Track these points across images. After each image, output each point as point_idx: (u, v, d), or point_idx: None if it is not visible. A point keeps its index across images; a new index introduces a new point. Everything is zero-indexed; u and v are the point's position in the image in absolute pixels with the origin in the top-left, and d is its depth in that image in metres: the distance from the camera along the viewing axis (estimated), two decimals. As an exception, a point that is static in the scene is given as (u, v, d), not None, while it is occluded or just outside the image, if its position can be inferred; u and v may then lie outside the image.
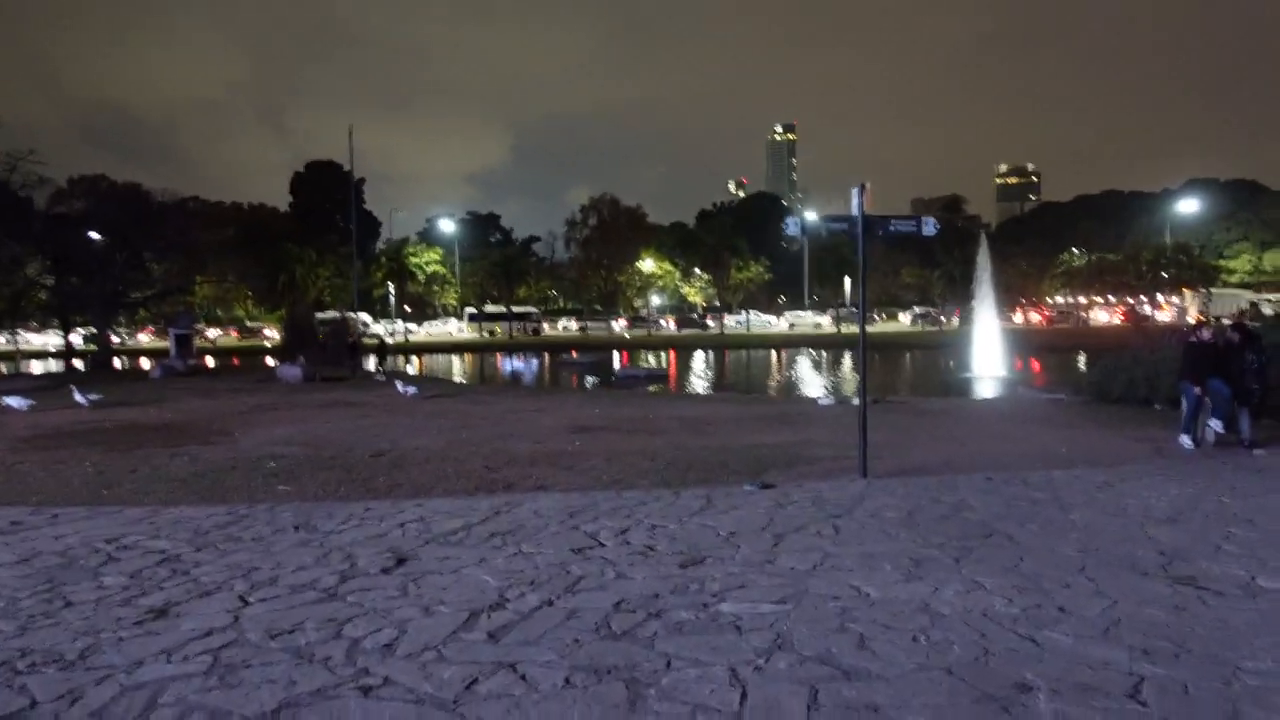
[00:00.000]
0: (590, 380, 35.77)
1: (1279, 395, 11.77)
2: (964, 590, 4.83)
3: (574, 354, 50.97)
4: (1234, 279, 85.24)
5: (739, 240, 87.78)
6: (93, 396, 18.32)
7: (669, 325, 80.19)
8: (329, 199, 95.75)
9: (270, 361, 40.45)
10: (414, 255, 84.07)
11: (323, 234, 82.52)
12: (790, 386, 33.47)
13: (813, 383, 34.11)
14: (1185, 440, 10.64)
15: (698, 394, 27.85)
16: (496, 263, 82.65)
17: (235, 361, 50.69)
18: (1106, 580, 5.00)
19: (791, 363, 45.84)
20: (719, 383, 36.10)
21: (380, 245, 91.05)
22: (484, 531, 6.42)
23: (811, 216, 8.22)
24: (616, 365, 43.39)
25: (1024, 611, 4.47)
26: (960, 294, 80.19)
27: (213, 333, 76.22)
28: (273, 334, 68.38)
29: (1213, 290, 79.26)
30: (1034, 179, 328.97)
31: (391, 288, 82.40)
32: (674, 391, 30.36)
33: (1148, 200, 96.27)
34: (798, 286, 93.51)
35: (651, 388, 31.53)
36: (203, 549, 6.03)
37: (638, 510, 7.12)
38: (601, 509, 7.18)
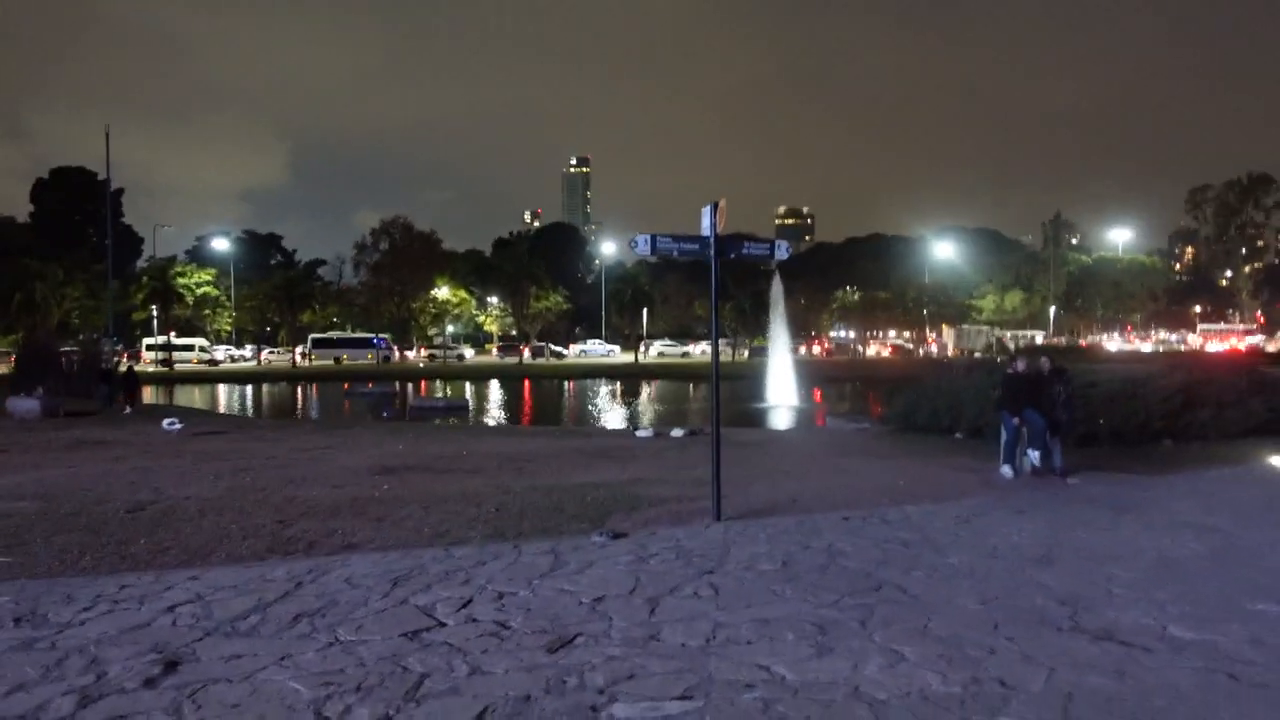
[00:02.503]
0: (384, 413, 33.49)
1: (1083, 427, 12.42)
2: (887, 664, 4.15)
3: (369, 385, 47.95)
4: (983, 317, 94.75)
5: (537, 269, 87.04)
6: None
7: (521, 354, 76.85)
8: (79, 210, 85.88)
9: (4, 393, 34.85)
10: (183, 275, 76.51)
11: (71, 249, 73.42)
12: (592, 417, 32.88)
13: (618, 414, 33.73)
14: (1006, 470, 10.84)
15: (506, 427, 26.57)
16: (278, 285, 76.70)
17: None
18: (1027, 640, 4.50)
19: (590, 393, 45.42)
20: (521, 414, 34.92)
21: (142, 264, 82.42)
22: (284, 613, 5.06)
23: (627, 243, 7.48)
24: (414, 396, 41.09)
25: (966, 690, 3.83)
26: (750, 326, 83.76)
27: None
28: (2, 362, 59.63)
29: (965, 326, 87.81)
30: (809, 220, 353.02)
31: (155, 311, 74.51)
32: (479, 425, 28.91)
33: (907, 243, 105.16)
34: (595, 318, 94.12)
35: (452, 420, 29.89)
36: None
37: (476, 573, 5.98)
38: (431, 573, 5.98)
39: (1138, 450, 14.20)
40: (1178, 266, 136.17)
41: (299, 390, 49.77)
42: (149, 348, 71.41)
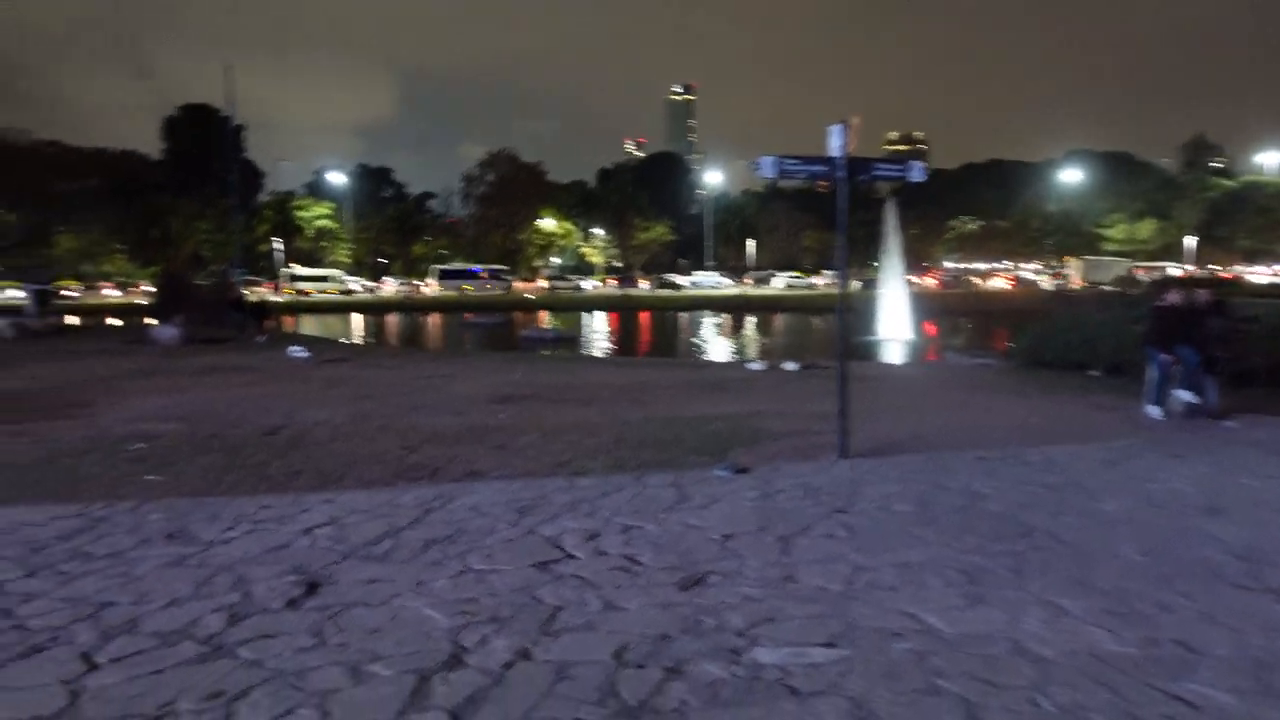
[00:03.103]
0: (495, 342, 34.15)
1: (1239, 365, 11.45)
2: (1048, 618, 3.85)
3: (469, 316, 48.96)
4: (1112, 247, 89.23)
5: (641, 199, 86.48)
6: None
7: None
8: (206, 147, 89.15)
9: (146, 321, 37.15)
10: (302, 209, 79.37)
11: (200, 185, 76.89)
12: (700, 349, 32.68)
13: (731, 346, 33.45)
14: (1154, 410, 10.10)
15: (619, 358, 26.62)
16: (392, 218, 78.97)
17: (105, 320, 46.60)
18: (1204, 598, 4.11)
19: (694, 325, 45.13)
20: (627, 345, 35.02)
21: (264, 198, 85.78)
22: (416, 539, 5.10)
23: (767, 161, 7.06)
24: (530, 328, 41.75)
25: (1142, 651, 3.51)
26: (861, 257, 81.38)
27: (75, 290, 70.27)
28: (147, 291, 63.53)
29: (1091, 257, 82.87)
30: (922, 146, 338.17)
31: (278, 243, 77.75)
32: (588, 355, 29.16)
33: (1031, 169, 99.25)
34: (699, 249, 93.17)
35: (564, 351, 30.22)
36: (37, 573, 4.53)
37: (600, 504, 5.92)
38: (556, 503, 5.95)
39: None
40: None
41: (423, 319, 51.29)
42: (293, 278, 74.33)
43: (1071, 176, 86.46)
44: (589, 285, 75.97)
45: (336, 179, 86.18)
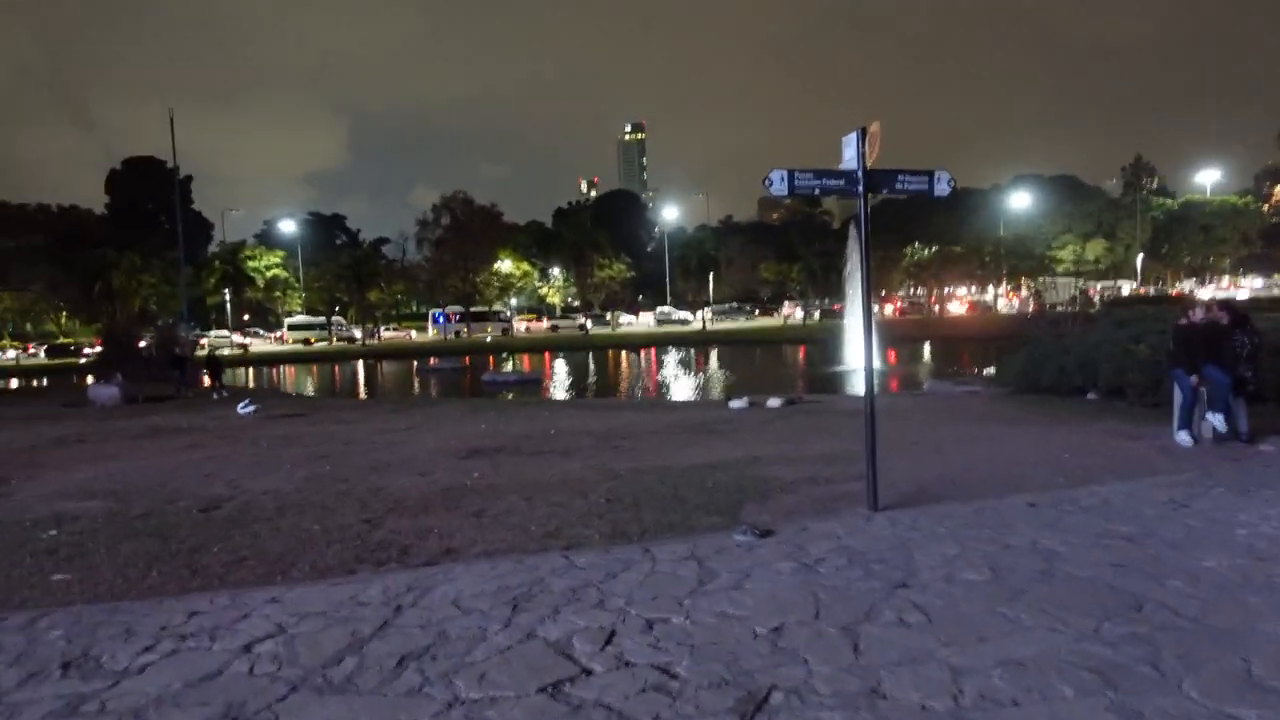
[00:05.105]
0: (452, 387, 32.92)
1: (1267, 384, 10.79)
2: (1238, 740, 2.90)
3: (434, 361, 47.63)
4: (1062, 268, 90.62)
5: (600, 237, 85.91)
6: None
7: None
8: (151, 199, 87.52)
9: (86, 381, 35.25)
10: (253, 259, 77.39)
11: (146, 237, 74.74)
12: (668, 387, 31.78)
13: (697, 383, 32.59)
14: (1184, 437, 9.34)
15: (590, 401, 25.52)
16: (346, 265, 77.09)
17: (40, 382, 44.43)
18: None
19: (658, 364, 44.27)
20: (597, 387, 34.00)
21: (213, 249, 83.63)
22: (385, 653, 4.02)
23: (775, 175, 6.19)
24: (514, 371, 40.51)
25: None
26: (819, 288, 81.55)
27: (11, 353, 67.56)
28: (88, 350, 61.18)
29: (1046, 279, 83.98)
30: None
31: (228, 295, 75.63)
32: (554, 398, 28.08)
33: (981, 195, 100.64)
34: (658, 285, 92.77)
35: (529, 395, 29.11)
36: (-124, 737, 3.37)
37: (609, 588, 4.88)
38: (555, 590, 4.90)
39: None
40: (1265, 207, 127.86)
41: (410, 366, 49.76)
42: (290, 327, 73.52)
43: (1020, 201, 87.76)
44: (590, 324, 75.86)
45: (288, 227, 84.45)
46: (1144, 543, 5.35)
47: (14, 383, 39.43)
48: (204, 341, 60.70)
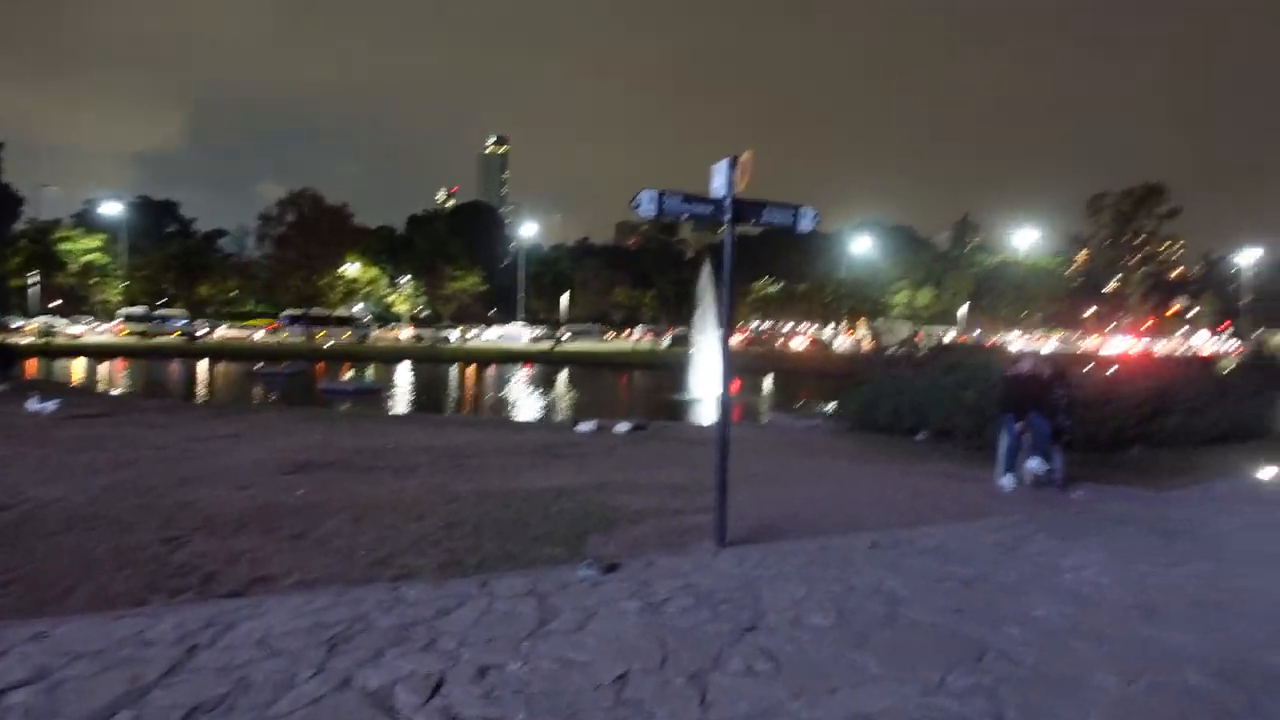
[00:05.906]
0: (284, 395, 31.09)
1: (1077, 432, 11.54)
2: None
3: (268, 364, 44.87)
4: (895, 312, 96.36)
5: (455, 247, 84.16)
6: None
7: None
8: (-51, 165, 78.78)
9: None
10: (68, 240, 70.90)
11: (-62, 207, 67.22)
12: (517, 406, 31.24)
13: (544, 403, 32.20)
14: (1008, 480, 9.83)
15: (433, 416, 24.55)
16: (175, 255, 72.05)
17: None
18: (1233, 751, 3.28)
19: (504, 380, 43.58)
20: (442, 401, 32.98)
21: (22, 226, 76.07)
22: (171, 703, 3.46)
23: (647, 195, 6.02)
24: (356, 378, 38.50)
25: None
26: (672, 315, 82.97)
27: None
28: None
29: (883, 320, 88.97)
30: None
31: (35, 278, 68.85)
32: (397, 412, 26.97)
33: (826, 237, 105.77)
34: (512, 300, 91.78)
35: (369, 406, 27.83)
36: None
37: (440, 627, 4.47)
38: (379, 628, 4.44)
39: (1110, 457, 13.54)
40: (1068, 271, 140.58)
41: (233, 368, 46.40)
42: (127, 319, 65.78)
43: (861, 246, 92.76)
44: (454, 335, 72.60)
45: (111, 209, 77.96)
46: (979, 587, 5.45)
47: None
48: (32, 326, 54.90)
